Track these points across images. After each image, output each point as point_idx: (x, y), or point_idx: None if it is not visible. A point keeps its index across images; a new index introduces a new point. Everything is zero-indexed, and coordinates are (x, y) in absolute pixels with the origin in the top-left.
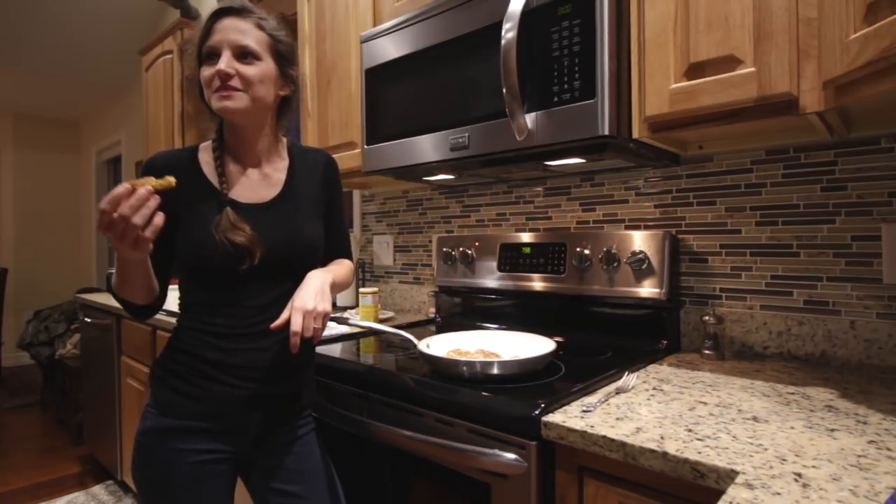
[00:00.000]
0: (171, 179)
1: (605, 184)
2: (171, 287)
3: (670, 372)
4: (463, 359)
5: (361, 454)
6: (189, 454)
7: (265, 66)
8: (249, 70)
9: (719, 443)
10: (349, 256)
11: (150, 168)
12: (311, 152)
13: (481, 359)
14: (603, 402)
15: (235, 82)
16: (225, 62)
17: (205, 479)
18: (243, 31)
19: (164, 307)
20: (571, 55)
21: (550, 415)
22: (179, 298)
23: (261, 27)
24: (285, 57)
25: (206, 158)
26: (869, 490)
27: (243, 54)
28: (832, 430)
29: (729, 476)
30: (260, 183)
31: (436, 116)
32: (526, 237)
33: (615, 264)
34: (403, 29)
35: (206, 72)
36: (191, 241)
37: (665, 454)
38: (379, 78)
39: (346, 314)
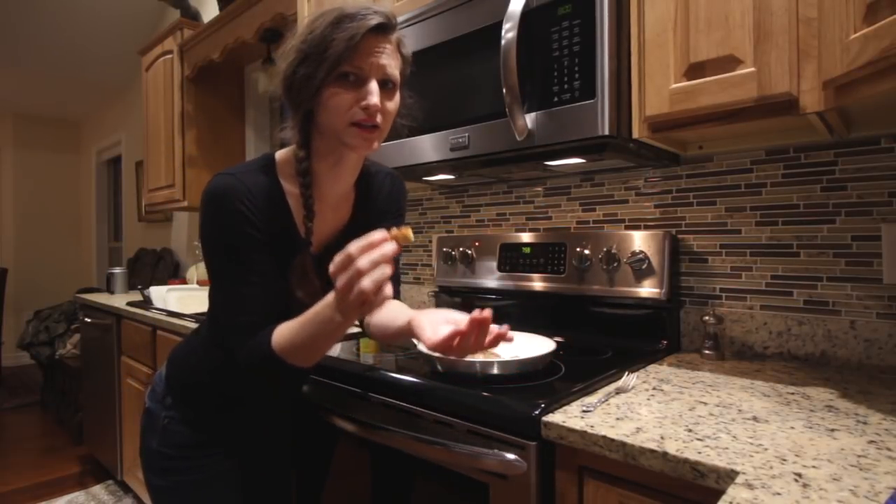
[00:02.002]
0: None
1: (605, 184)
2: (169, 288)
3: (670, 372)
4: (463, 359)
5: (360, 454)
6: (217, 461)
7: (398, 97)
8: (391, 105)
9: (719, 443)
10: (399, 297)
11: (242, 196)
12: (379, 174)
13: (481, 359)
14: (603, 402)
15: (378, 118)
16: (377, 95)
17: (228, 477)
18: (391, 56)
19: (164, 307)
20: (571, 55)
21: (550, 415)
22: (213, 327)
23: (399, 49)
24: (406, 81)
25: (289, 187)
26: (869, 490)
27: (385, 82)
28: (832, 430)
29: (729, 476)
30: (332, 215)
31: (436, 116)
32: (526, 237)
33: (615, 264)
34: (403, 29)
35: (345, 95)
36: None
37: (665, 454)
38: None
39: None
